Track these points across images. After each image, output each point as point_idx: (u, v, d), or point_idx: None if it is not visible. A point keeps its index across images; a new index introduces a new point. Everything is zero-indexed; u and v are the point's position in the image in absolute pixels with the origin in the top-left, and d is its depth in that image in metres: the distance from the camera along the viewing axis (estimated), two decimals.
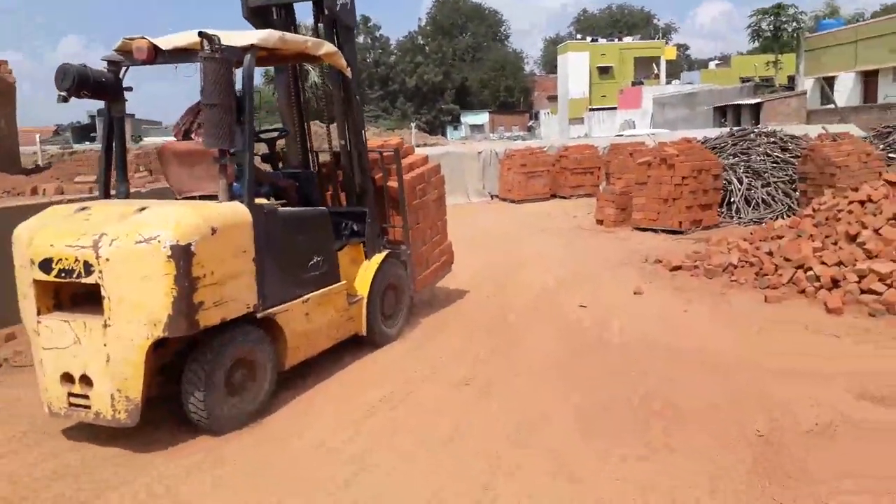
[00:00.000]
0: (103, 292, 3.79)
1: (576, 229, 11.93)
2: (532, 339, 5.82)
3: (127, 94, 4.74)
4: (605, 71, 57.13)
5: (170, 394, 4.17)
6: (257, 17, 5.64)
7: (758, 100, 31.39)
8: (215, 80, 4.06)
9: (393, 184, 6.05)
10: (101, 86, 4.54)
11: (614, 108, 49.14)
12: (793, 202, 11.83)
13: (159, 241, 3.74)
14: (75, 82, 4.31)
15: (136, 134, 61.44)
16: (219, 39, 4.07)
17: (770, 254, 7.55)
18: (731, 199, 12.10)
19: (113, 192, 4.86)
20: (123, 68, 4.65)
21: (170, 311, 3.75)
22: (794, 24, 35.76)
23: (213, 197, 4.44)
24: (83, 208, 4.24)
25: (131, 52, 4.43)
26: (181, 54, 4.38)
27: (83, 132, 67.18)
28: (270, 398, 4.46)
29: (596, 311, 6.57)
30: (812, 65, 32.46)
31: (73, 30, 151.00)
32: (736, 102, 33.03)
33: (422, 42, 68.63)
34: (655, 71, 57.61)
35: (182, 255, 3.75)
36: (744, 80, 43.74)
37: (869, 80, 30.10)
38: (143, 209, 4.03)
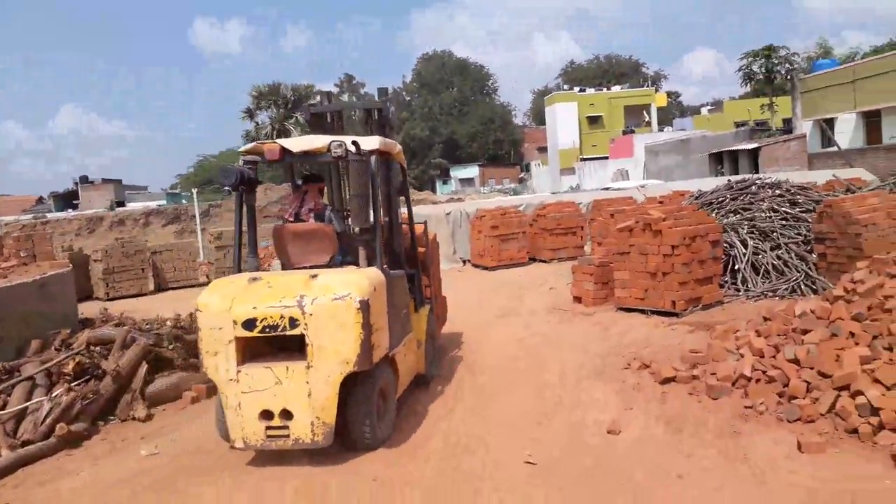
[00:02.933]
0: (307, 340, 4.62)
1: (548, 310, 9.76)
2: None
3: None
4: (594, 120, 55.89)
5: None
6: (315, 119, 6.91)
7: (755, 144, 29.59)
8: (360, 175, 5.10)
9: (422, 250, 6.92)
10: (249, 179, 5.38)
11: (606, 158, 47.63)
12: (810, 268, 9.70)
13: (351, 298, 4.64)
14: (237, 179, 5.24)
15: (118, 199, 59.95)
16: (359, 145, 5.19)
17: (796, 362, 5.38)
18: (736, 266, 9.99)
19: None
20: (257, 165, 5.50)
21: (358, 351, 4.63)
22: (787, 65, 34.12)
23: (320, 267, 5.37)
24: (254, 279, 5.00)
25: (263, 153, 5.36)
26: (306, 156, 5.42)
27: (66, 200, 66.05)
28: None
29: (548, 473, 4.36)
30: (809, 107, 30.73)
31: (70, 99, 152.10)
32: (732, 148, 31.25)
33: (407, 98, 67.69)
34: (647, 119, 56.38)
35: (365, 308, 4.65)
36: (738, 125, 42.24)
37: (871, 120, 28.26)
38: (316, 276, 4.91)
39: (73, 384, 5.76)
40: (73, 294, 9.70)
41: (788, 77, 32.82)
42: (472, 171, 65.15)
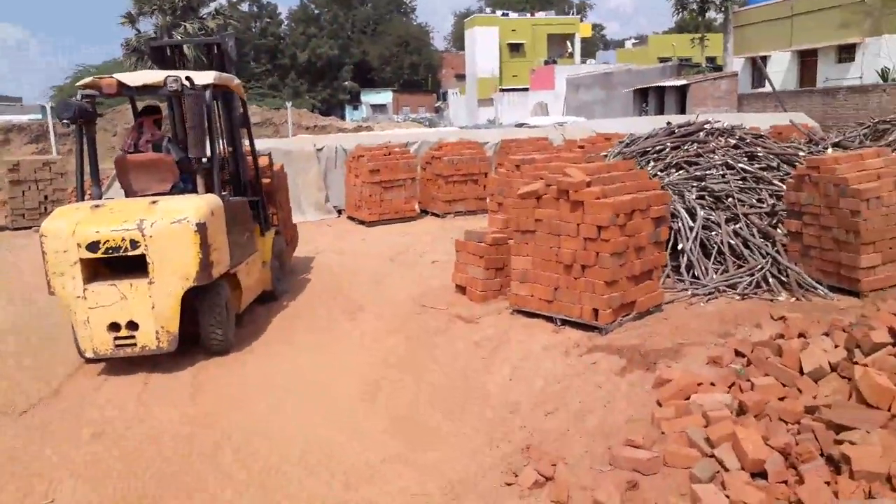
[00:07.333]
0: (148, 259, 5.21)
1: (415, 306, 6.71)
2: None
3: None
4: (516, 48, 52.43)
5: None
6: (156, 53, 7.59)
7: (683, 81, 27.09)
8: (194, 108, 5.65)
9: (266, 181, 7.70)
10: (87, 113, 5.93)
11: (526, 89, 44.60)
12: (777, 251, 7.02)
13: (188, 221, 5.26)
14: (76, 113, 5.75)
15: None
16: (193, 80, 5.78)
17: None
18: (679, 245, 7.20)
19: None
20: (95, 98, 6.02)
21: (197, 268, 5.30)
22: None
23: (161, 194, 5.89)
24: (97, 206, 5.53)
25: (101, 87, 5.85)
26: (143, 90, 5.95)
27: None
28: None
29: None
30: (742, 43, 28.41)
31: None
32: (659, 84, 28.68)
33: (316, 12, 61.66)
34: (570, 49, 53.33)
35: (202, 230, 5.31)
36: (662, 61, 39.84)
37: (807, 60, 26.22)
38: (156, 202, 5.53)
39: None
40: None
41: (723, 8, 30.25)
42: (385, 96, 60.71)
